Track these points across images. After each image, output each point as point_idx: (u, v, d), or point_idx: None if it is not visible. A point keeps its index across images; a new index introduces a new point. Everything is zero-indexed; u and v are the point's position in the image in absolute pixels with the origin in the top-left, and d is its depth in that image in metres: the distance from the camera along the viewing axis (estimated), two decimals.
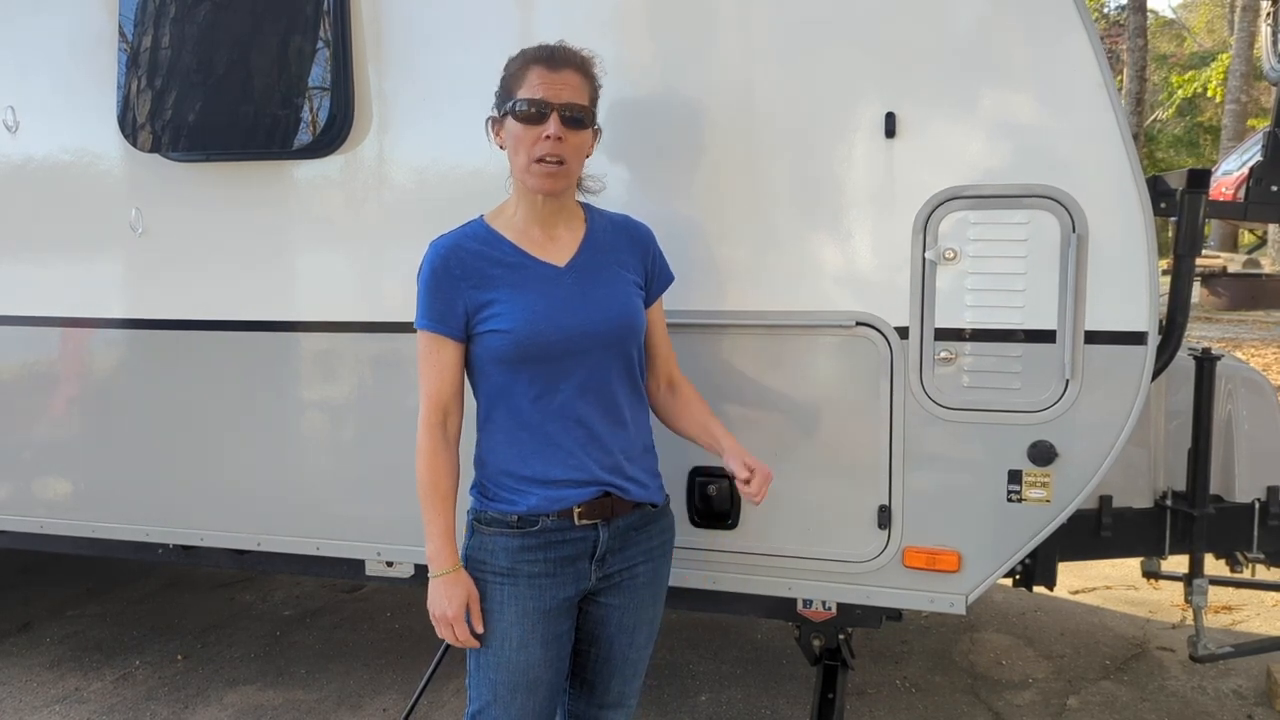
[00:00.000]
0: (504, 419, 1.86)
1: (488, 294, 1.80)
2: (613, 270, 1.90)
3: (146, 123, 2.67)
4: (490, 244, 1.85)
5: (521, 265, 1.84)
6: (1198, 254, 2.46)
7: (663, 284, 2.03)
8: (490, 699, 1.87)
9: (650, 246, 2.00)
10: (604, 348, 1.85)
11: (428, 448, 1.84)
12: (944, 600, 2.33)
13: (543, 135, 1.77)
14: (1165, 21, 29.93)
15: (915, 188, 2.20)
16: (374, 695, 3.43)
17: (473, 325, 1.82)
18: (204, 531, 2.89)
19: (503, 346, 1.79)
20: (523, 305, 1.80)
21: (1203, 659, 2.68)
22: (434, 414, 1.84)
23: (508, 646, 1.85)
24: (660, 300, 2.03)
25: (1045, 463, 2.20)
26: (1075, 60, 2.08)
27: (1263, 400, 2.70)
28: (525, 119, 1.78)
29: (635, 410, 1.94)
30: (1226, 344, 10.14)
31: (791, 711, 3.27)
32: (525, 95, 1.78)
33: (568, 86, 1.79)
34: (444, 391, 1.84)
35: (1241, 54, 17.57)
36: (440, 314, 1.81)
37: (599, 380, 1.85)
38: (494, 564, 1.85)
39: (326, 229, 2.64)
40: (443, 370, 1.83)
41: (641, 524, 1.94)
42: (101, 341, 2.90)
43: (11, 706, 3.39)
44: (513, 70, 1.83)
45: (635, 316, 1.91)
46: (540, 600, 1.85)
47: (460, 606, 1.81)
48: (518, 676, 1.85)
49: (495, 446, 1.87)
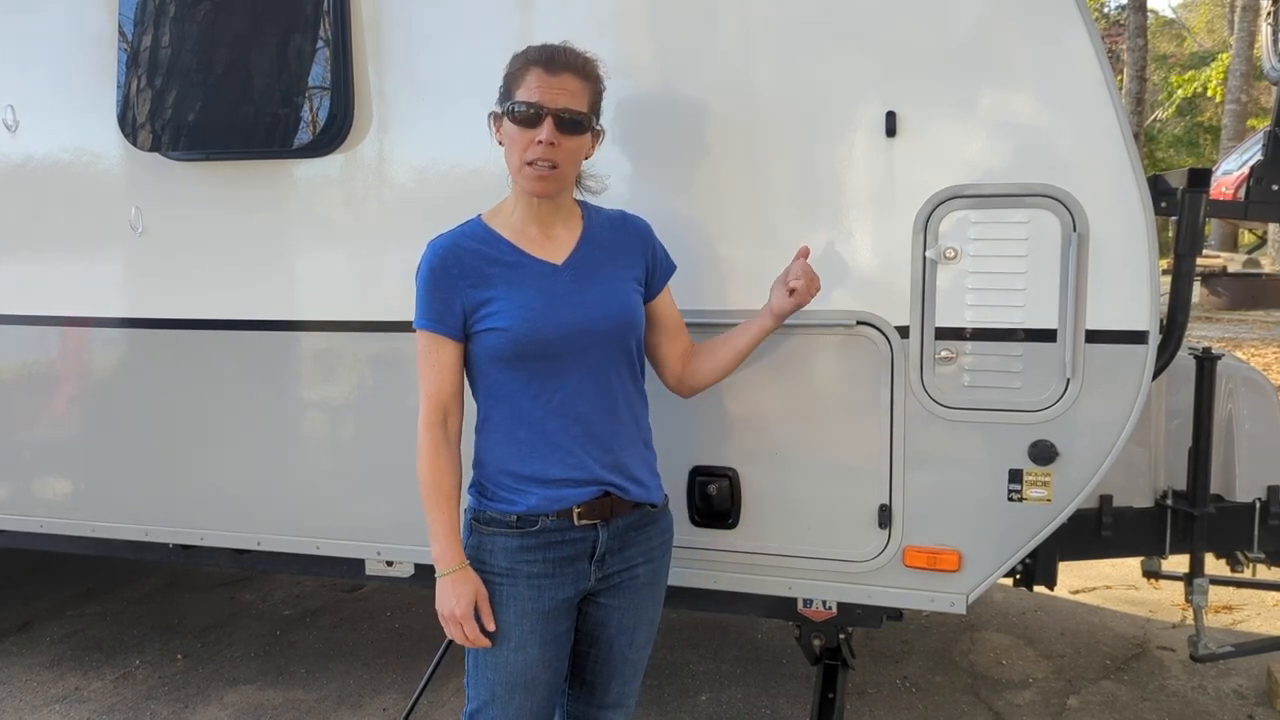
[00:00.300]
0: (503, 418, 1.86)
1: (485, 292, 1.81)
2: (610, 267, 1.90)
3: (146, 122, 2.66)
4: (488, 243, 1.85)
5: (519, 264, 1.84)
6: (1198, 253, 2.46)
7: (665, 273, 2.03)
8: (488, 698, 1.87)
9: (649, 238, 2.01)
10: (602, 344, 1.85)
11: (429, 448, 1.83)
12: (944, 600, 2.33)
13: (535, 139, 1.77)
14: (1165, 21, 29.93)
15: (916, 187, 2.20)
16: (374, 695, 3.43)
17: (471, 324, 1.82)
18: (204, 531, 2.89)
19: (501, 344, 1.79)
20: (520, 303, 1.80)
21: (1203, 659, 2.68)
22: (434, 414, 1.84)
23: (506, 646, 1.85)
24: (667, 288, 2.03)
25: (1046, 462, 2.20)
26: (1076, 59, 2.08)
27: (1263, 400, 2.70)
28: (520, 121, 1.78)
29: (634, 406, 1.94)
30: (1226, 344, 10.14)
31: (791, 711, 3.27)
32: (522, 97, 1.78)
33: (565, 91, 1.78)
34: (444, 391, 1.84)
35: (1241, 54, 17.57)
36: (439, 314, 1.81)
37: (597, 377, 1.85)
38: (493, 564, 1.85)
39: (326, 228, 2.64)
40: (442, 370, 1.83)
41: (641, 524, 1.94)
42: (101, 341, 2.90)
43: (11, 706, 3.39)
44: (513, 69, 1.83)
45: (634, 312, 1.91)
46: (539, 601, 1.84)
47: (469, 604, 1.81)
48: (516, 676, 1.85)
49: (494, 446, 1.87)
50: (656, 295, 2.00)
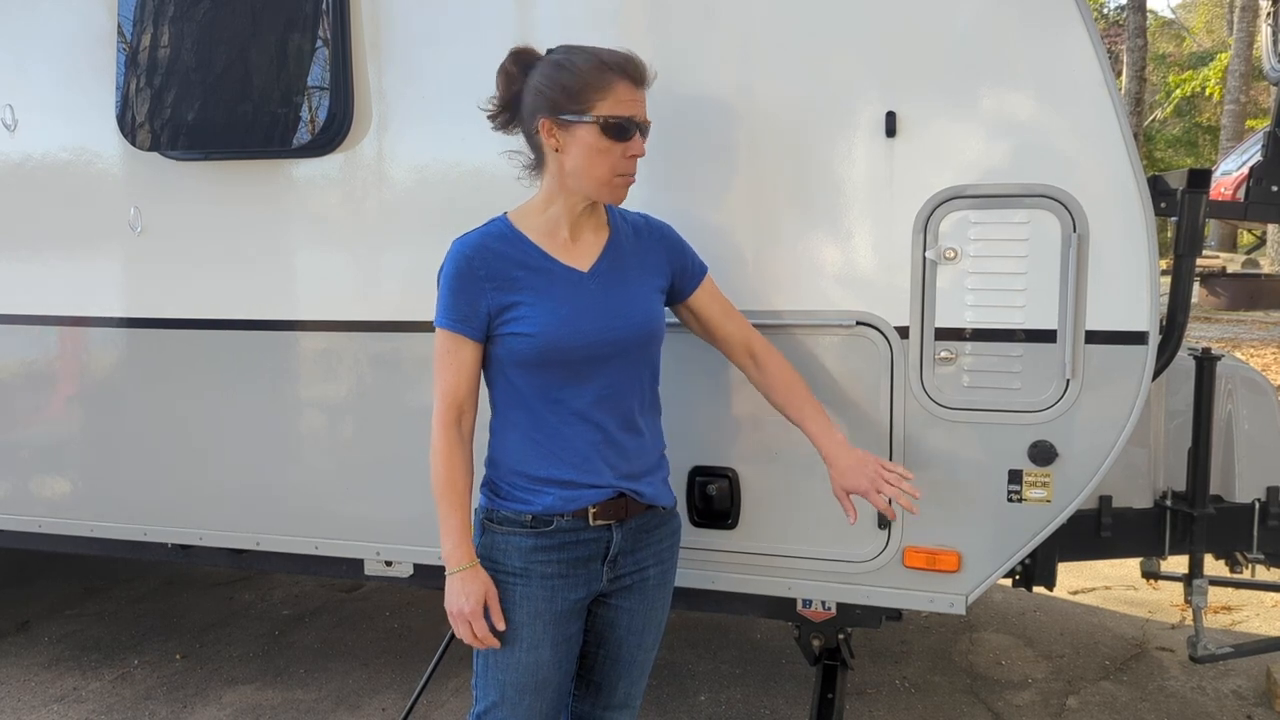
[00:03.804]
0: (520, 420, 1.85)
1: (512, 296, 1.79)
2: (634, 275, 1.90)
3: (145, 121, 2.66)
4: (514, 245, 1.83)
5: (546, 269, 1.82)
6: (1198, 254, 2.46)
7: (696, 273, 2.02)
8: (498, 699, 1.87)
9: (673, 243, 2.00)
10: (623, 354, 1.84)
11: (443, 446, 1.82)
12: (944, 600, 2.33)
13: (629, 153, 1.79)
14: (1164, 21, 29.94)
15: (916, 187, 2.19)
16: (373, 695, 3.43)
17: (495, 327, 1.81)
18: (202, 530, 2.88)
19: (525, 350, 1.79)
20: (547, 310, 1.79)
21: (1202, 659, 2.68)
22: (449, 412, 1.83)
23: (519, 647, 1.84)
24: (706, 281, 2.02)
25: (1045, 462, 2.20)
26: (1076, 58, 2.08)
27: (1263, 400, 2.70)
28: (613, 134, 1.77)
29: (651, 418, 1.94)
30: (1225, 344, 10.15)
31: (791, 711, 3.27)
32: (613, 111, 1.76)
33: (643, 103, 1.82)
34: (460, 390, 1.83)
35: (1240, 54, 17.59)
36: (463, 314, 1.80)
37: (617, 386, 1.85)
38: (507, 564, 1.84)
39: (326, 228, 2.63)
40: (460, 369, 1.82)
41: (653, 525, 1.94)
42: (100, 340, 2.90)
43: (10, 706, 3.39)
44: (589, 77, 1.76)
45: (656, 322, 1.90)
46: (553, 602, 1.84)
47: (478, 602, 1.79)
48: (527, 678, 1.85)
49: (509, 446, 1.86)
50: (691, 294, 2.00)
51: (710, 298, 2.03)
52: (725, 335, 2.05)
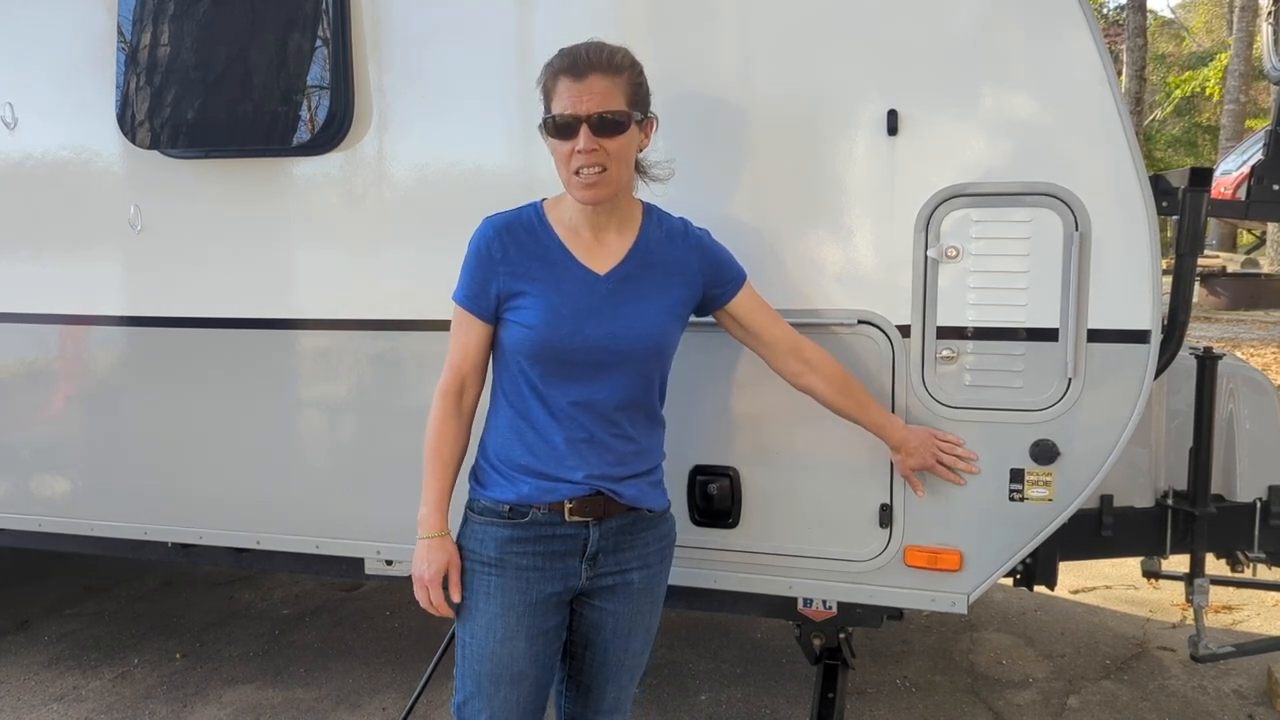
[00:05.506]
0: (512, 407, 1.86)
1: (521, 284, 1.81)
2: (654, 287, 1.87)
3: (145, 119, 2.66)
4: (538, 235, 1.84)
5: (562, 264, 1.82)
6: (1200, 253, 2.46)
7: (734, 278, 1.99)
8: (474, 690, 1.88)
9: (710, 249, 1.96)
10: (624, 364, 1.83)
11: (438, 412, 1.87)
12: (945, 599, 2.32)
13: (574, 149, 1.74)
14: (1164, 21, 29.95)
15: (917, 185, 2.19)
16: (373, 694, 3.43)
17: (502, 310, 1.84)
18: (203, 530, 2.88)
19: (523, 340, 1.80)
20: (551, 305, 1.79)
21: (1203, 659, 2.67)
22: (452, 382, 1.87)
23: (492, 638, 1.85)
24: (746, 287, 2.00)
25: (1047, 461, 2.20)
26: (1079, 56, 2.08)
27: (1264, 399, 2.69)
28: (557, 133, 1.76)
29: (646, 429, 1.92)
30: (1225, 344, 10.15)
31: (791, 711, 3.26)
32: (555, 109, 1.76)
33: (595, 94, 1.73)
34: (465, 364, 1.87)
35: (1240, 54, 17.59)
36: (474, 293, 1.84)
37: (613, 394, 1.84)
38: (483, 554, 1.86)
39: (326, 227, 2.63)
40: (467, 345, 1.86)
41: (636, 528, 1.92)
42: (100, 339, 2.89)
43: (10, 705, 3.38)
44: (544, 82, 1.79)
45: (663, 339, 1.88)
46: (526, 593, 1.85)
47: (439, 571, 1.84)
48: (501, 669, 1.85)
49: (498, 429, 1.89)
50: (730, 301, 1.98)
51: (753, 303, 2.02)
52: (772, 340, 2.03)
